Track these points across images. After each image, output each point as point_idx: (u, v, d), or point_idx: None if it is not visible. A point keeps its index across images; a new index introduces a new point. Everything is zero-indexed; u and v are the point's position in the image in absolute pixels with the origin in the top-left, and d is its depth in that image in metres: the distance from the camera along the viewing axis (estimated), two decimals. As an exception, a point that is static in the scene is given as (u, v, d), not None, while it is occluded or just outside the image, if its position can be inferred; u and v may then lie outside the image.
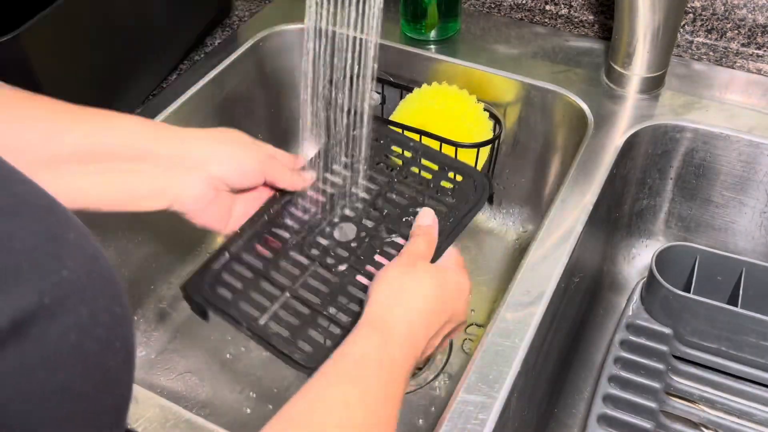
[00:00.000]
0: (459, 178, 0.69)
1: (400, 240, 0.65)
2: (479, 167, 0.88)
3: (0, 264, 0.25)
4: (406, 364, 0.49)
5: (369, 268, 0.64)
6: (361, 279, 0.63)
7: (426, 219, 0.60)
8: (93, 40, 0.72)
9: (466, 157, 0.85)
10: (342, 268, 0.64)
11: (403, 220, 0.67)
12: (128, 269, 0.80)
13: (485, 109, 0.86)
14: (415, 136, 0.83)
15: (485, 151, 0.86)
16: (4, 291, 0.24)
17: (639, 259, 0.88)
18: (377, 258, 0.64)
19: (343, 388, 0.45)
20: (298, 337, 0.60)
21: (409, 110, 0.86)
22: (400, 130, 0.85)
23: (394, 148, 0.72)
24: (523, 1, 0.95)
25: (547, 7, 0.94)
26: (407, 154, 0.71)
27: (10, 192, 0.27)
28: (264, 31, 0.92)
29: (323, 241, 0.66)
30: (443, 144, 0.88)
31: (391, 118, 0.87)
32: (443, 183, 0.69)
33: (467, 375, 0.56)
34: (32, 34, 0.63)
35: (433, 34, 0.89)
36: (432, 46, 0.89)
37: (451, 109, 0.83)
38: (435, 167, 0.70)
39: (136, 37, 0.79)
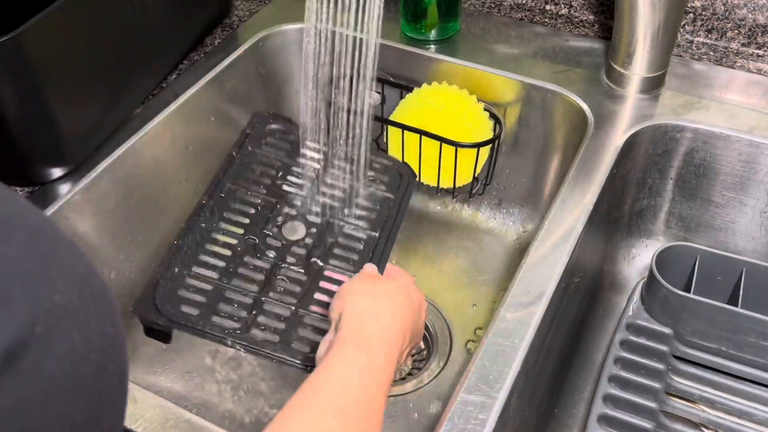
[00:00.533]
0: (382, 167, 0.73)
1: (353, 234, 0.67)
2: (479, 167, 0.88)
3: None
4: (387, 387, 0.49)
5: (334, 262, 0.64)
6: (330, 273, 0.63)
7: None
8: (93, 40, 0.72)
9: (467, 157, 0.85)
10: (309, 264, 0.64)
11: (348, 211, 0.68)
12: (128, 269, 0.80)
13: (485, 109, 0.86)
14: (415, 136, 0.83)
15: (485, 151, 0.86)
16: None
17: (639, 259, 0.88)
18: (337, 251, 0.66)
19: (325, 421, 0.45)
20: (290, 339, 0.60)
21: (409, 110, 0.86)
22: (399, 130, 0.85)
23: (309, 142, 0.72)
24: (523, 1, 0.94)
25: (547, 7, 0.94)
26: (323, 148, 0.72)
27: None
28: (264, 31, 0.92)
29: (275, 242, 0.66)
30: (443, 143, 0.88)
31: (391, 117, 0.87)
32: (371, 173, 0.71)
33: (467, 375, 0.56)
34: (32, 34, 0.63)
35: (433, 34, 0.89)
36: (432, 46, 0.89)
37: (451, 109, 0.83)
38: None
39: (136, 37, 0.79)
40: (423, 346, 0.81)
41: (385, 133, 0.94)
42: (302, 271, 0.64)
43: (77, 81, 0.71)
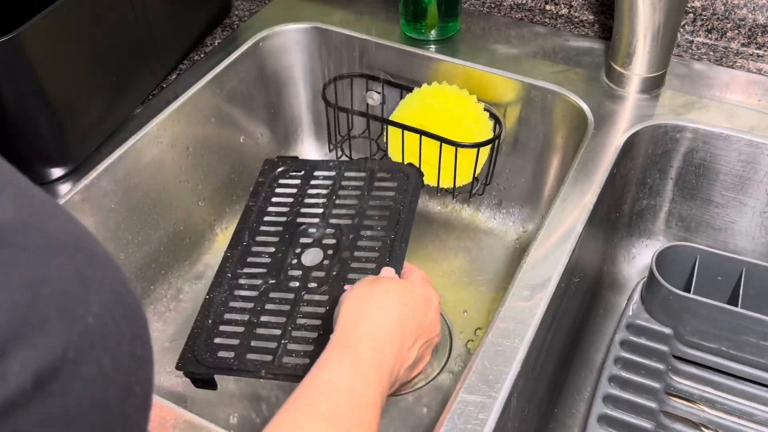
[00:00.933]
0: (389, 175, 0.75)
1: (368, 244, 0.69)
2: (479, 167, 0.88)
3: (29, 313, 0.23)
4: (378, 386, 0.49)
5: (351, 276, 0.67)
6: (349, 287, 0.65)
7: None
8: (93, 40, 0.72)
9: (467, 157, 0.85)
10: (330, 284, 0.67)
11: (360, 226, 0.71)
12: (128, 269, 0.80)
13: (485, 109, 0.86)
14: (416, 136, 0.83)
15: (485, 151, 0.86)
16: (31, 344, 0.23)
17: (639, 259, 0.88)
18: (354, 265, 0.68)
19: (314, 425, 0.45)
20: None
21: (409, 110, 0.86)
22: (399, 130, 0.85)
23: (317, 172, 0.77)
24: (523, 1, 0.94)
25: (547, 7, 0.94)
26: (330, 173, 0.77)
27: (40, 229, 0.26)
28: (264, 31, 0.92)
29: (296, 272, 0.69)
30: (443, 144, 0.88)
31: (391, 117, 0.87)
32: (377, 183, 0.74)
33: (467, 375, 0.56)
34: (32, 34, 0.63)
35: (433, 34, 0.89)
36: (432, 46, 0.89)
37: (450, 109, 0.83)
38: (363, 174, 0.76)
39: (136, 37, 0.79)
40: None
41: (385, 133, 0.94)
42: (324, 292, 0.67)
43: (77, 81, 0.71)
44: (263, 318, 0.66)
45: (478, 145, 0.85)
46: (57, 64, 0.68)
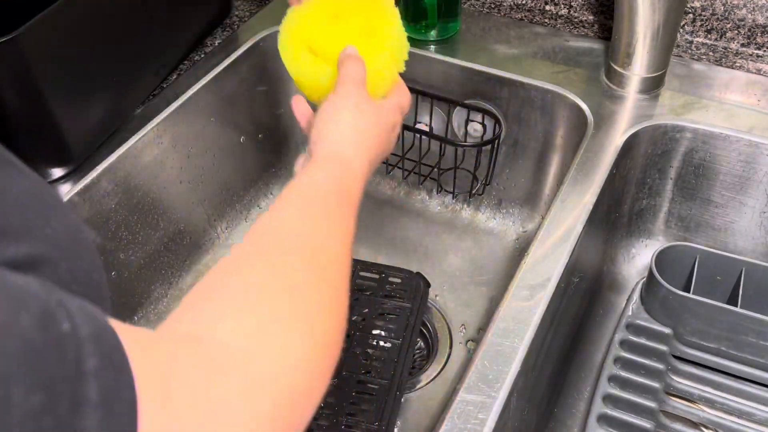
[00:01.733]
0: (399, 281, 0.82)
1: (378, 343, 0.77)
2: (480, 167, 0.88)
3: None
4: (356, 192, 0.49)
5: (361, 377, 0.74)
6: (361, 381, 0.74)
7: (348, 49, 0.57)
8: (92, 40, 0.72)
9: (466, 157, 0.85)
10: (342, 376, 0.74)
11: (372, 325, 0.78)
12: (128, 269, 0.80)
13: (485, 109, 0.86)
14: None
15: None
16: None
17: (639, 259, 0.88)
18: (365, 361, 0.75)
19: (288, 213, 0.44)
20: None
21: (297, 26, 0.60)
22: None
23: None
24: (523, 1, 0.95)
25: (547, 7, 0.94)
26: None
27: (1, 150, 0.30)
28: (264, 31, 0.92)
29: None
30: (443, 143, 0.88)
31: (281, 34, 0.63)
32: (388, 287, 0.82)
33: (467, 375, 0.56)
34: (31, 35, 0.63)
35: (433, 34, 0.89)
36: (432, 46, 0.89)
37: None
38: (376, 276, 0.83)
39: (136, 38, 0.79)
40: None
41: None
42: (336, 382, 0.73)
43: (77, 81, 0.71)
44: None
45: (478, 145, 0.86)
46: (57, 65, 0.68)
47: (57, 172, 0.73)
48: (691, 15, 0.86)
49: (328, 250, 0.43)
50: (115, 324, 0.27)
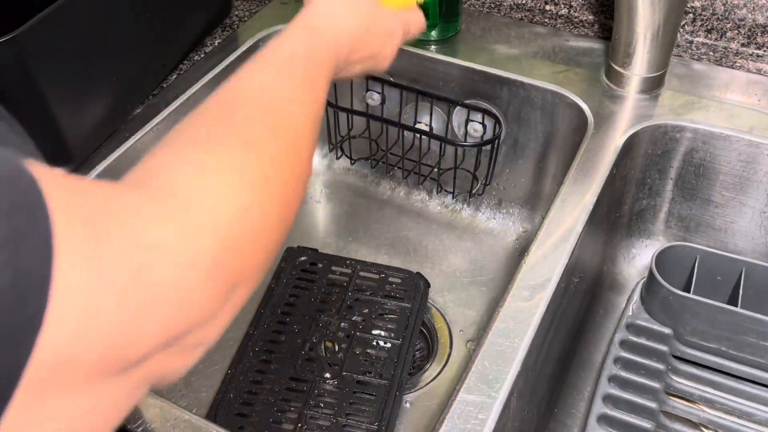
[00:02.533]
0: (399, 281, 0.83)
1: (378, 343, 0.78)
2: (480, 167, 0.88)
3: None
4: (325, 66, 0.49)
5: (360, 378, 0.75)
6: (360, 380, 0.74)
7: None
8: (92, 41, 0.72)
9: (466, 157, 0.85)
10: (342, 376, 0.75)
11: (372, 326, 0.79)
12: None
13: (485, 109, 0.86)
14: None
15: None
16: None
17: (639, 259, 0.88)
18: (365, 360, 0.76)
19: (254, 72, 0.44)
20: None
21: None
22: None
23: (334, 267, 0.85)
24: (523, 1, 0.95)
25: (547, 7, 0.94)
26: (346, 271, 0.85)
27: None
28: (264, 31, 0.92)
29: (311, 362, 0.76)
30: (443, 143, 0.88)
31: None
32: (388, 287, 0.83)
33: (467, 375, 0.56)
34: (31, 35, 0.63)
35: (433, 34, 0.89)
36: (432, 46, 0.89)
37: None
38: (376, 276, 0.84)
39: (136, 38, 0.79)
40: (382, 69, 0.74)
41: (385, 132, 0.94)
42: (337, 383, 0.74)
43: (77, 81, 0.71)
44: (280, 399, 0.73)
45: (478, 145, 0.86)
46: (57, 65, 0.68)
47: (57, 172, 0.73)
48: (691, 15, 0.86)
49: (289, 109, 0.42)
50: (40, 169, 0.26)
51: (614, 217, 0.83)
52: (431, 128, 0.91)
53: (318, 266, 0.86)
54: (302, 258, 0.86)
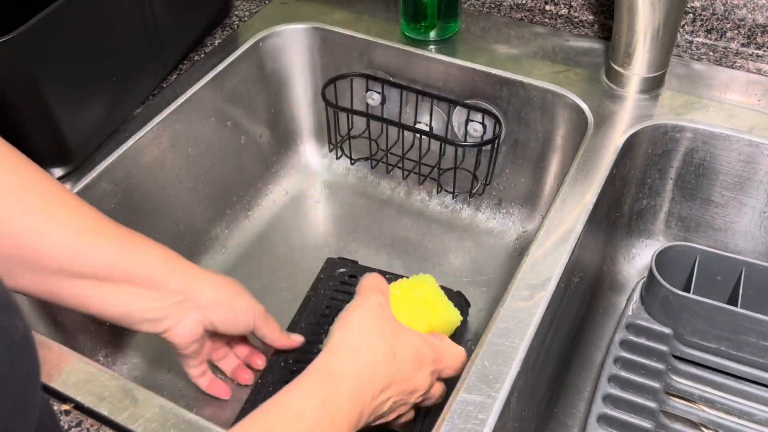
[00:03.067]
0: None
1: None
2: (480, 167, 0.88)
3: None
4: (343, 425, 0.48)
5: None
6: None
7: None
8: (92, 41, 0.72)
9: (466, 156, 0.85)
10: None
11: None
12: (128, 269, 0.80)
13: (485, 109, 0.86)
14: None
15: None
16: None
17: (639, 259, 0.88)
18: None
19: None
20: None
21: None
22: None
23: (340, 271, 0.83)
24: (523, 1, 0.95)
25: (547, 7, 0.94)
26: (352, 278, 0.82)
27: None
28: (264, 31, 0.92)
29: None
30: (443, 143, 0.88)
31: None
32: None
33: (467, 375, 0.56)
34: (31, 35, 0.63)
35: (433, 34, 0.89)
36: (432, 46, 0.89)
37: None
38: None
39: (136, 37, 0.79)
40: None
41: (385, 132, 0.94)
42: None
43: (77, 81, 0.71)
44: None
45: (478, 145, 0.86)
46: (56, 64, 0.68)
47: (57, 172, 0.73)
48: (691, 15, 0.86)
49: None
50: None
51: (614, 217, 0.83)
52: (431, 128, 0.91)
53: (357, 278, 0.82)
54: (341, 269, 0.84)
